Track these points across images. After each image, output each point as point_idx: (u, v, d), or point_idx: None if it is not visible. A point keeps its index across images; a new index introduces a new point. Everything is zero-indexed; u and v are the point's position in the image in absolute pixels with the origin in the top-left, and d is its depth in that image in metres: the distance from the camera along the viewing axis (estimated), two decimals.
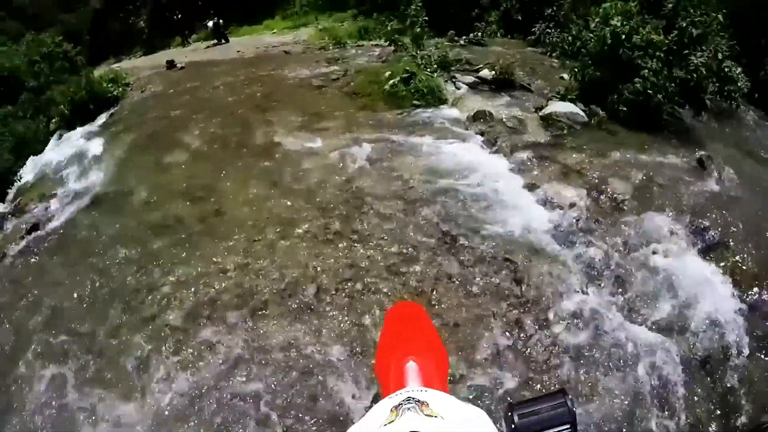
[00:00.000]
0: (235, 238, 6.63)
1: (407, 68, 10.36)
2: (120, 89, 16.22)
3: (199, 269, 6.24)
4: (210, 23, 21.24)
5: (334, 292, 5.70)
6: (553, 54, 13.86)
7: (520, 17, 16.35)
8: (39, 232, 8.47)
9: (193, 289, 5.99)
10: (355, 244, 6.13)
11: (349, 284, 5.77)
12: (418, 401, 1.05)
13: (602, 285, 6.26)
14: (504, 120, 9.23)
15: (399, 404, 1.05)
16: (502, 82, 10.80)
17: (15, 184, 12.00)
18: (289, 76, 12.69)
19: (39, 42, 21.62)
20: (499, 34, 16.11)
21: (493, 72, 10.93)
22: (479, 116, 9.27)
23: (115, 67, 22.31)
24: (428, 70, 10.98)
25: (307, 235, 6.34)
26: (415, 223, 6.40)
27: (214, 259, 6.39)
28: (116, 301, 6.11)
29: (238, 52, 17.51)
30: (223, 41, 20.96)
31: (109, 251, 7.08)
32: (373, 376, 4.61)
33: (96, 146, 11.49)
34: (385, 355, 1.63)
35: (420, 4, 13.60)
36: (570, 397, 1.06)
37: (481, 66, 11.62)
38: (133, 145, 10.70)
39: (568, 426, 1.02)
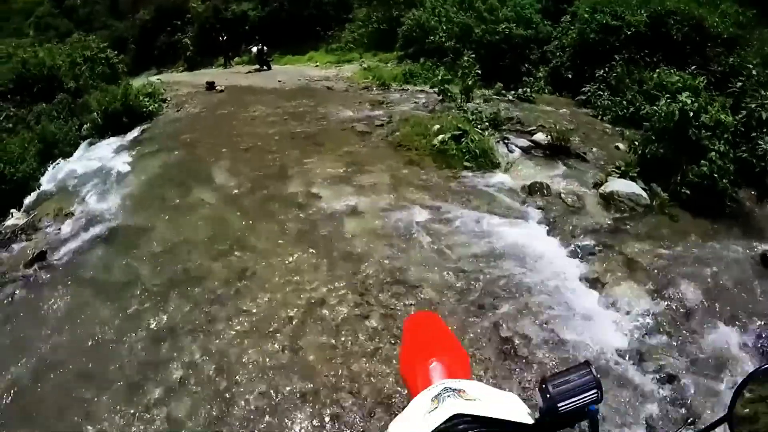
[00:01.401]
0: (260, 314, 5.58)
1: (459, 125, 9.41)
2: (156, 105, 15.58)
3: (217, 357, 5.15)
4: (254, 49, 20.68)
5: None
6: (605, 118, 12.92)
7: (570, 75, 15.47)
8: (44, 262, 7.53)
9: (205, 379, 4.90)
10: (396, 350, 4.98)
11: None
12: (455, 390, 1.15)
13: (671, 415, 5.17)
14: (562, 195, 8.22)
15: (438, 394, 1.14)
16: (557, 148, 9.84)
17: (36, 191, 11.26)
18: (331, 116, 11.85)
19: (83, 45, 21.42)
20: (547, 91, 15.19)
21: (548, 137, 9.96)
22: (536, 188, 8.28)
23: (155, 79, 21.79)
24: (479, 127, 10.05)
25: (342, 331, 5.23)
26: (470, 323, 5.32)
27: (234, 345, 5.29)
28: (113, 374, 5.06)
29: (280, 81, 16.82)
30: (265, 68, 20.35)
31: (117, 303, 6.13)
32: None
33: (122, 164, 10.76)
34: (409, 359, 1.65)
35: (473, 55, 12.74)
36: (594, 366, 1.13)
37: (535, 128, 10.68)
38: (160, 171, 9.90)
39: (595, 390, 1.09)
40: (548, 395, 1.09)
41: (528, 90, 14.21)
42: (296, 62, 21.59)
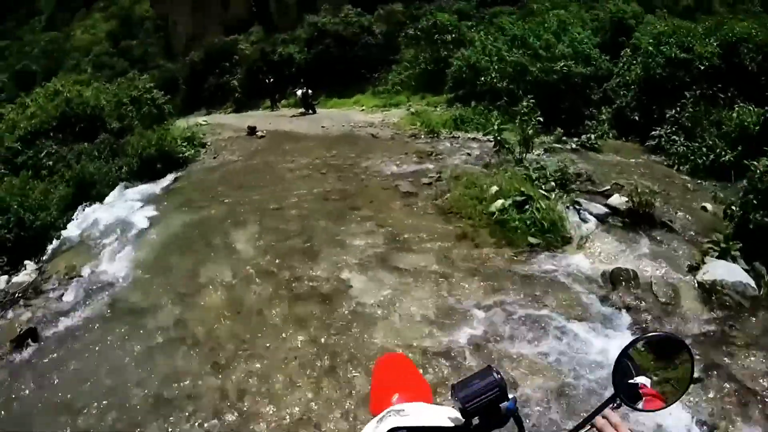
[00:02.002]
0: None
1: (521, 188, 7.86)
2: (192, 151, 14.77)
3: None
4: (299, 92, 19.83)
5: None
6: (682, 168, 11.23)
7: (636, 117, 13.74)
8: (33, 341, 6.48)
9: None
10: None
11: None
12: (397, 410, 1.29)
13: None
14: (653, 286, 6.49)
15: (382, 416, 1.28)
16: (638, 215, 8.14)
17: (57, 240, 10.50)
18: (373, 170, 10.54)
19: (130, 85, 21.21)
20: (611, 135, 13.47)
21: (628, 201, 8.29)
22: (620, 278, 6.54)
23: (202, 121, 21.33)
24: (544, 188, 8.48)
25: None
26: None
27: None
28: None
29: (323, 127, 15.77)
30: (310, 111, 19.40)
31: (95, 414, 4.81)
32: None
33: (145, 218, 9.84)
34: (376, 398, 1.70)
35: (533, 100, 11.23)
36: (496, 369, 1.26)
37: (609, 188, 9.05)
38: (180, 231, 8.88)
39: (497, 389, 1.22)
40: (456, 398, 1.22)
41: (592, 136, 12.56)
42: (342, 105, 20.62)
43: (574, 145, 12.27)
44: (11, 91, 32.62)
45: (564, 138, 12.73)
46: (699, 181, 10.60)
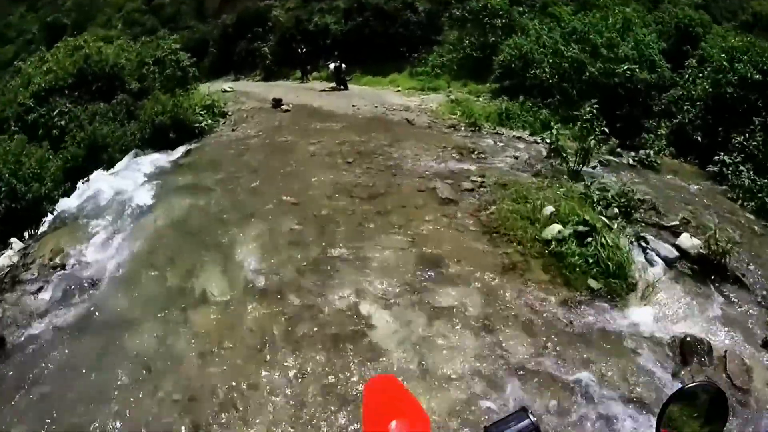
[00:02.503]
0: None
1: (586, 217, 6.38)
2: (209, 121, 13.52)
3: None
4: (331, 65, 18.33)
5: None
6: (747, 204, 9.72)
7: (698, 137, 12.10)
8: None
9: None
10: None
11: None
12: None
13: None
14: (727, 363, 5.11)
15: None
16: (710, 264, 6.71)
17: (52, 213, 9.60)
18: (406, 164, 9.13)
19: (155, 44, 20.13)
20: (668, 153, 11.85)
21: (704, 247, 6.85)
22: (692, 349, 5.23)
23: (228, 87, 20.10)
24: (606, 213, 7.03)
25: None
26: None
27: None
28: None
29: (354, 106, 14.32)
30: (341, 87, 17.92)
31: None
32: None
33: (146, 197, 8.78)
34: (371, 422, 1.60)
35: (596, 106, 9.67)
36: (531, 411, 1.23)
37: (678, 223, 7.59)
38: (179, 221, 7.74)
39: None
40: None
41: (651, 153, 11.01)
42: (376, 84, 19.06)
43: (630, 161, 10.78)
44: (41, 44, 31.59)
45: (619, 150, 11.22)
46: (766, 224, 9.08)
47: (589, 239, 6.17)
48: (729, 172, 10.67)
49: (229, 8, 29.31)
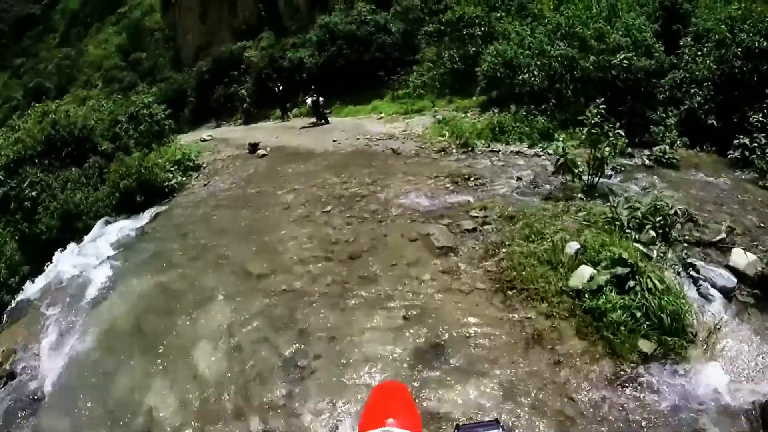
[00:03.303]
0: None
1: (620, 251, 4.93)
2: (180, 178, 12.20)
3: None
4: (309, 100, 17.03)
5: None
6: None
7: (712, 121, 10.62)
8: None
9: None
10: None
11: None
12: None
13: None
14: None
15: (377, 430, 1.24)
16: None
17: (19, 294, 8.95)
18: (394, 204, 7.70)
19: (129, 101, 19.09)
20: (681, 143, 10.35)
21: (754, 260, 5.40)
22: None
23: (207, 135, 18.98)
24: (640, 238, 5.58)
25: None
26: None
27: None
28: None
29: (334, 141, 12.99)
30: (322, 122, 16.61)
31: None
32: None
33: (103, 280, 7.76)
34: (369, 417, 1.62)
35: (603, 106, 8.23)
36: (504, 424, 1.29)
37: (724, 236, 6.11)
38: (133, 311, 6.64)
39: None
40: None
41: (666, 148, 9.57)
42: (358, 113, 17.73)
43: (646, 160, 9.34)
44: (25, 110, 30.77)
45: (629, 150, 9.79)
46: None
47: (631, 283, 4.67)
48: (755, 156, 9.22)
49: (204, 55, 28.33)
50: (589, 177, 7.62)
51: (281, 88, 20.39)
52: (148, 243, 8.79)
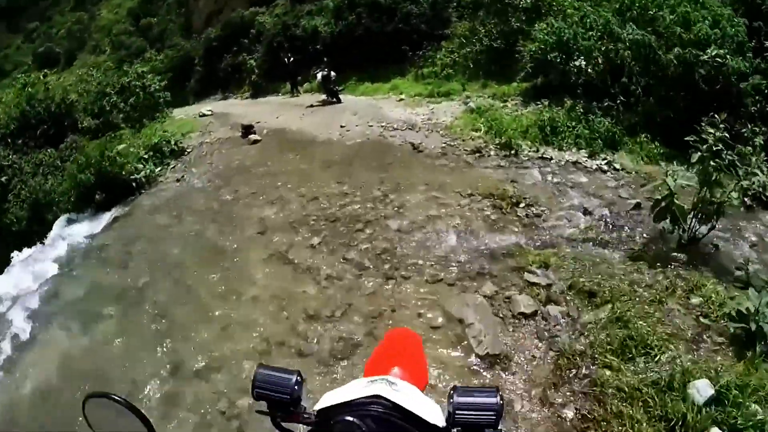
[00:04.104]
0: None
1: None
2: (151, 169, 9.79)
3: None
4: (319, 75, 14.33)
5: None
6: None
7: None
8: None
9: None
10: None
11: None
12: (390, 382, 1.12)
13: None
14: None
15: (374, 379, 1.13)
16: None
17: None
18: (412, 240, 5.20)
19: (120, 71, 16.86)
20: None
21: None
22: None
23: (207, 110, 16.59)
24: None
25: None
26: None
27: None
28: None
29: (342, 127, 10.48)
30: (333, 99, 13.94)
31: None
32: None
33: (24, 326, 5.76)
34: (376, 360, 1.60)
35: (723, 122, 5.51)
36: (501, 394, 1.06)
37: None
38: (46, 389, 3.95)
39: (494, 413, 1.03)
40: (450, 400, 1.06)
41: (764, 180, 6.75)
42: (376, 92, 14.99)
43: (744, 198, 6.55)
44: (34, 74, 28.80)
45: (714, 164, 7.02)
46: None
47: None
48: None
49: (215, 22, 25.64)
50: (692, 225, 4.98)
51: (291, 59, 17.67)
52: (88, 269, 6.53)
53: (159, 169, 10.03)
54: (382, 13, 15.94)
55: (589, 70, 9.63)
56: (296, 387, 1.10)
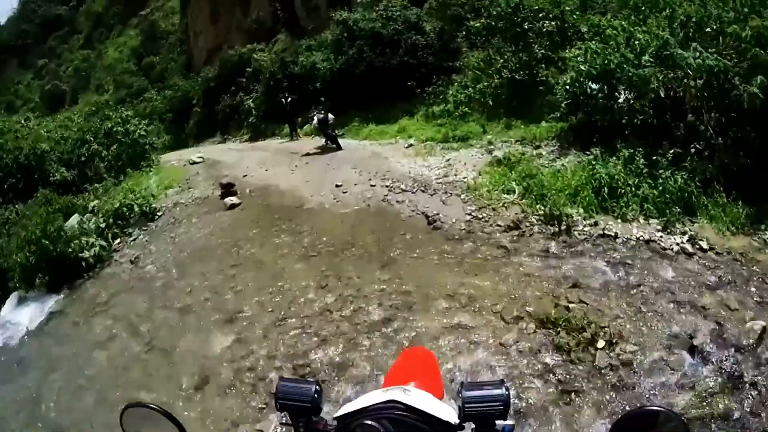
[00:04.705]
0: None
1: None
2: (98, 247, 7.82)
3: None
4: (315, 118, 12.34)
5: None
6: None
7: None
8: None
9: None
10: None
11: None
12: (404, 389, 1.12)
13: None
14: None
15: (389, 389, 1.11)
16: None
17: None
18: None
19: (103, 115, 15.66)
20: None
21: None
22: None
23: (197, 157, 14.88)
24: None
25: None
26: None
27: None
28: None
29: (338, 187, 8.40)
30: (333, 146, 11.92)
31: None
32: None
33: None
34: (392, 375, 1.62)
35: None
36: (507, 385, 1.07)
37: None
38: None
39: (501, 404, 1.04)
40: (460, 396, 1.08)
41: None
42: (381, 136, 12.90)
43: None
44: (41, 112, 27.86)
45: None
46: None
47: None
48: None
49: (216, 60, 24.03)
50: None
51: (289, 100, 15.74)
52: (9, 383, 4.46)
53: (117, 241, 8.14)
54: (385, 46, 13.95)
55: (645, 107, 7.42)
56: (316, 395, 1.11)
